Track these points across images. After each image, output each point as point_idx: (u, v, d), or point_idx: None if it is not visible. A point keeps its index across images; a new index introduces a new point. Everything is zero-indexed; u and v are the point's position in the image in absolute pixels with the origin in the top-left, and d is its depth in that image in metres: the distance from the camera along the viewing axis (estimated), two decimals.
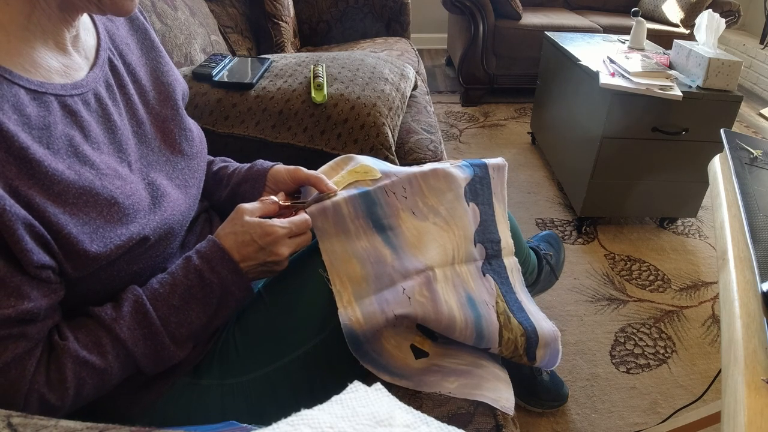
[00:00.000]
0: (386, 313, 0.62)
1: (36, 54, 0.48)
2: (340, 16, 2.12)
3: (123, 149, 0.56)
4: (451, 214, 0.73)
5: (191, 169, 0.66)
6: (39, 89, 0.47)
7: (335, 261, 0.65)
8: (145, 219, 0.54)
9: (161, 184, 0.59)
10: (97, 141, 0.52)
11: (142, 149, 0.60)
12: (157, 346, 0.55)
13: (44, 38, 0.49)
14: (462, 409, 0.65)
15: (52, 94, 0.49)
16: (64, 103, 0.50)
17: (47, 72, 0.49)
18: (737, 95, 1.54)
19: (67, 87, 0.51)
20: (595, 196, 1.74)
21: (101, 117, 0.55)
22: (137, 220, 0.53)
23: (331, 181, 0.71)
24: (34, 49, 0.48)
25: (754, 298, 0.54)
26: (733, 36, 3.54)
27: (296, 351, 0.63)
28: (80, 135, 0.51)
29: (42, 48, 0.49)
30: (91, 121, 0.53)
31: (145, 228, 0.54)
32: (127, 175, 0.54)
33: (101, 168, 0.51)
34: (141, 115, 0.61)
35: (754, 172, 0.75)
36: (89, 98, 0.53)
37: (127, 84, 0.60)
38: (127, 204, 0.52)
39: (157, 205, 0.57)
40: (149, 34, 0.69)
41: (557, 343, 0.78)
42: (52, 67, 0.50)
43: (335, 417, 0.30)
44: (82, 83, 0.53)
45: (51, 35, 0.50)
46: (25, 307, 0.45)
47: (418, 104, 1.44)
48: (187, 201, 0.63)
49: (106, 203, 0.50)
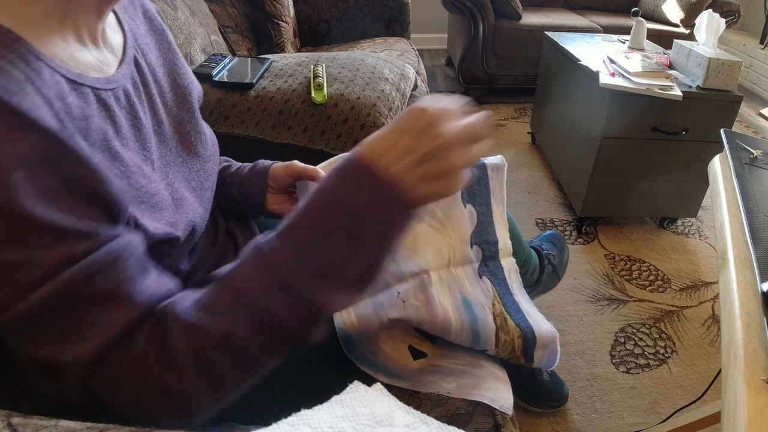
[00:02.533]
0: (380, 316, 0.62)
1: (72, 49, 0.48)
2: (340, 16, 2.12)
3: (147, 147, 0.56)
4: (446, 216, 0.73)
5: (206, 172, 0.66)
6: (78, 80, 0.47)
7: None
8: (173, 218, 0.54)
9: (179, 186, 0.59)
10: (125, 137, 0.52)
11: (162, 149, 0.60)
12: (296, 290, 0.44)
13: (78, 33, 0.50)
14: (461, 409, 0.65)
15: (89, 87, 0.49)
16: (99, 97, 0.50)
17: (84, 66, 0.49)
18: (737, 95, 1.54)
19: (101, 81, 0.51)
20: (595, 196, 1.74)
21: (129, 114, 0.55)
22: (164, 218, 0.53)
23: None
24: (69, 44, 0.48)
25: (754, 298, 0.54)
26: (733, 36, 3.54)
27: (296, 352, 0.63)
28: (112, 130, 0.50)
29: (76, 44, 0.49)
30: (122, 117, 0.53)
31: (175, 228, 0.54)
32: (150, 174, 0.54)
33: (129, 165, 0.51)
34: (161, 115, 0.61)
35: (754, 172, 0.75)
36: (119, 94, 0.54)
37: (150, 83, 0.60)
38: (152, 203, 0.52)
39: (179, 206, 0.57)
40: (167, 36, 0.69)
41: (555, 343, 0.77)
42: (88, 62, 0.50)
43: (335, 417, 0.30)
44: (114, 78, 0.53)
45: (85, 28, 0.50)
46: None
47: None
48: (203, 204, 0.63)
49: (134, 201, 0.50)
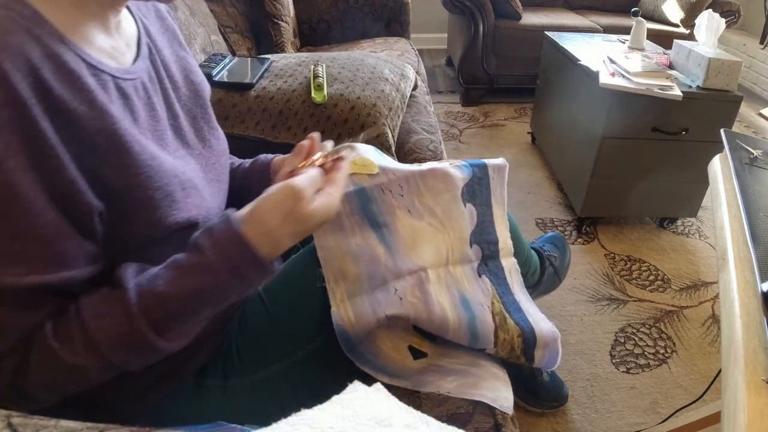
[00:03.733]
0: (378, 313, 0.62)
1: (88, 32, 0.49)
2: (340, 16, 2.12)
3: (163, 139, 0.56)
4: (446, 215, 0.73)
5: (221, 165, 0.67)
6: (98, 66, 0.48)
7: (329, 257, 0.65)
8: (194, 203, 0.55)
9: (195, 176, 0.59)
10: (143, 127, 0.53)
11: (178, 142, 0.60)
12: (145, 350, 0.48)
13: (93, 21, 0.50)
14: (461, 408, 0.65)
15: (109, 74, 0.49)
16: (119, 86, 0.50)
17: (99, 51, 0.50)
18: (737, 95, 1.54)
19: (120, 71, 0.51)
20: (595, 196, 1.74)
21: (147, 105, 0.55)
22: (190, 202, 0.54)
23: None
24: (87, 28, 0.49)
25: (754, 298, 0.54)
26: (733, 36, 3.54)
27: (297, 352, 0.63)
28: (131, 118, 0.51)
29: (92, 29, 0.50)
30: (140, 107, 0.53)
31: (195, 214, 0.54)
32: (168, 164, 0.54)
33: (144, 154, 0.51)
34: (176, 109, 0.61)
35: (754, 172, 0.75)
36: (138, 85, 0.54)
37: (165, 78, 0.61)
38: (168, 192, 0.52)
39: (195, 196, 0.57)
40: (177, 35, 0.69)
41: (557, 343, 0.77)
42: (103, 47, 0.51)
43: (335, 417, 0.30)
44: (132, 70, 0.53)
45: (99, 19, 0.51)
46: (64, 275, 0.44)
47: (418, 104, 1.44)
48: (219, 195, 0.64)
49: (152, 189, 0.50)
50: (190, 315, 0.50)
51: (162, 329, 0.48)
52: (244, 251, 0.48)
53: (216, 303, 0.51)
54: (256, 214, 0.50)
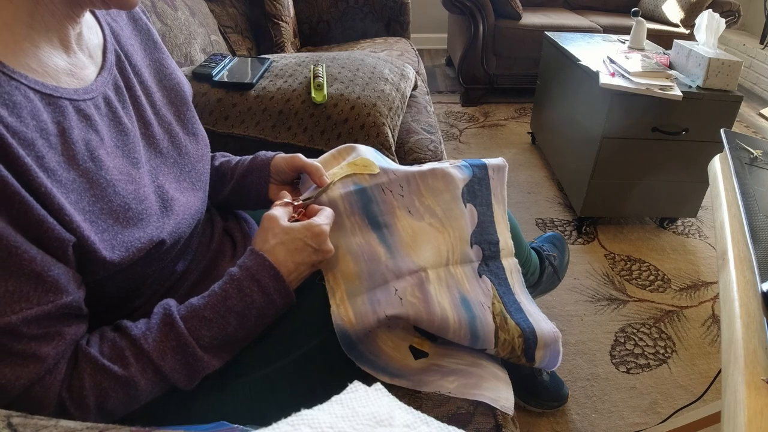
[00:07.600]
0: (377, 313, 0.62)
1: (42, 53, 0.48)
2: (340, 16, 2.12)
3: (133, 153, 0.56)
4: (447, 216, 0.73)
5: (198, 172, 0.66)
6: (54, 93, 0.47)
7: (329, 257, 0.65)
8: (159, 222, 0.55)
9: (170, 188, 0.59)
10: (110, 145, 0.53)
11: (150, 152, 0.60)
12: (188, 358, 0.54)
13: (48, 37, 0.49)
14: (462, 408, 0.65)
15: (67, 99, 0.48)
16: (79, 108, 0.50)
17: (55, 72, 0.49)
18: (737, 95, 1.54)
19: (79, 92, 0.51)
20: (595, 196, 1.74)
21: (112, 121, 0.55)
22: (151, 224, 0.54)
23: (330, 171, 0.72)
24: (39, 48, 0.48)
25: (754, 298, 0.54)
26: (733, 36, 3.54)
27: (296, 352, 0.63)
28: (96, 139, 0.51)
29: (47, 47, 0.49)
30: (103, 125, 0.53)
31: (161, 232, 0.54)
32: (138, 180, 0.55)
33: (114, 174, 0.51)
34: (149, 117, 0.61)
35: (754, 172, 0.75)
36: (99, 103, 0.53)
37: (135, 85, 0.60)
38: (140, 209, 0.53)
39: (169, 209, 0.57)
40: (152, 35, 0.68)
41: (557, 344, 0.77)
42: (59, 67, 0.50)
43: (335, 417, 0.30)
44: (92, 88, 0.53)
45: (55, 33, 0.50)
46: (64, 301, 0.45)
47: (418, 104, 1.44)
48: (196, 203, 0.64)
49: (120, 209, 0.51)
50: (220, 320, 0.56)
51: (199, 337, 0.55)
52: (257, 258, 0.59)
53: (242, 313, 0.57)
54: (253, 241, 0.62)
